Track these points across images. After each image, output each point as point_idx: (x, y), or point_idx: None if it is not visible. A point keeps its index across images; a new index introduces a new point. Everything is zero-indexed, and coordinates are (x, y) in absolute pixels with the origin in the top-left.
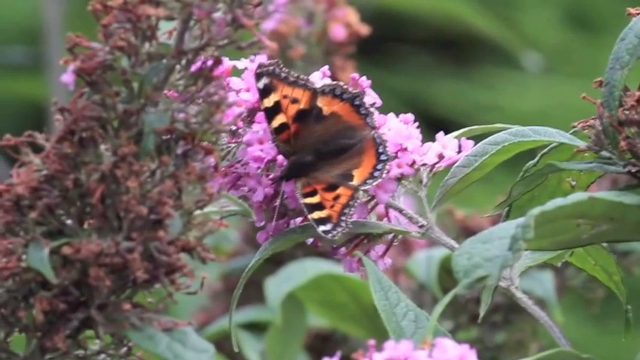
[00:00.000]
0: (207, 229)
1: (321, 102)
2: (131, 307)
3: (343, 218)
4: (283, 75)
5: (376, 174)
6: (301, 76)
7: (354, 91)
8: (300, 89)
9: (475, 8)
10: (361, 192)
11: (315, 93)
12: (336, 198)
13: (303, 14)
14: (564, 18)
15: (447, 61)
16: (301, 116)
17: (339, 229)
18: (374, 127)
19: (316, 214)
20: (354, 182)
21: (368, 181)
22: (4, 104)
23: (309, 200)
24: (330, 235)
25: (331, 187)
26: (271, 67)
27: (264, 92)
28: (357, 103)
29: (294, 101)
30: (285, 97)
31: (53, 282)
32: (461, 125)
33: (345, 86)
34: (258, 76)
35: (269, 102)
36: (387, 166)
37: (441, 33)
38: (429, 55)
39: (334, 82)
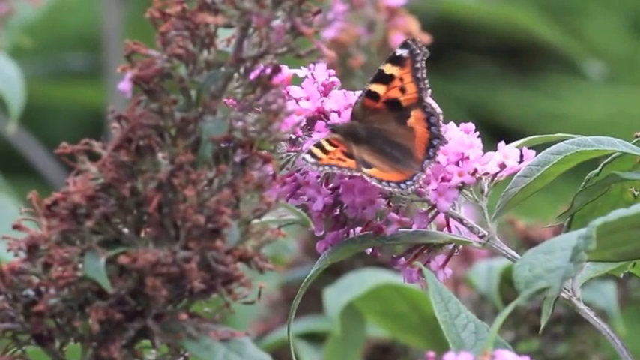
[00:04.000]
0: (265, 238)
1: (414, 112)
2: (188, 317)
3: (327, 168)
4: (418, 65)
5: (387, 185)
6: (426, 81)
7: (443, 134)
8: (414, 88)
9: (539, 16)
10: (354, 173)
11: (419, 103)
12: (340, 160)
13: (364, 23)
14: (630, 26)
15: (510, 69)
16: (393, 105)
17: (316, 168)
18: (423, 171)
19: (315, 150)
20: (366, 170)
21: (372, 179)
22: (64, 111)
23: (324, 142)
24: (304, 163)
25: (347, 155)
26: (418, 50)
27: (395, 59)
28: (434, 143)
29: (402, 90)
30: (401, 79)
31: (109, 291)
32: (525, 134)
33: (441, 124)
34: (405, 45)
35: (388, 70)
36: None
37: (505, 41)
38: (492, 64)
39: (438, 110)
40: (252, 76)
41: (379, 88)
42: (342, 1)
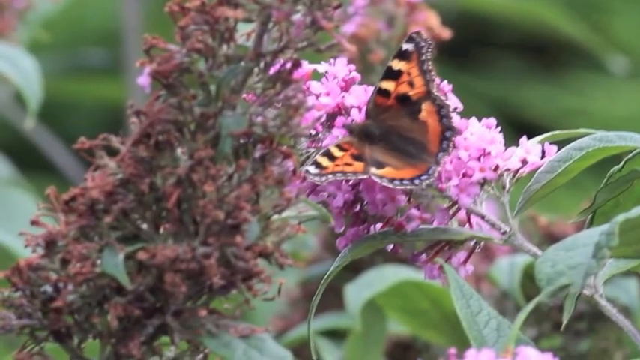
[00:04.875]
0: (285, 234)
1: (425, 105)
2: (207, 313)
3: (330, 177)
4: (424, 57)
5: (399, 183)
6: (433, 73)
7: (454, 125)
8: (422, 81)
9: (563, 12)
10: (361, 177)
11: (428, 95)
12: (347, 165)
13: (384, 17)
14: None
15: (535, 65)
16: (403, 100)
17: (317, 178)
18: (438, 164)
19: (320, 160)
20: (376, 172)
21: (383, 179)
22: (83, 107)
23: (333, 149)
24: (306, 173)
25: (356, 158)
26: (423, 43)
27: (402, 55)
28: (447, 135)
29: (410, 84)
30: (408, 74)
31: (128, 287)
32: (550, 131)
33: (452, 115)
34: (410, 39)
35: (396, 65)
36: (411, 188)
37: (529, 37)
38: (516, 60)
39: (447, 103)
40: (272, 70)
41: (389, 85)
42: None
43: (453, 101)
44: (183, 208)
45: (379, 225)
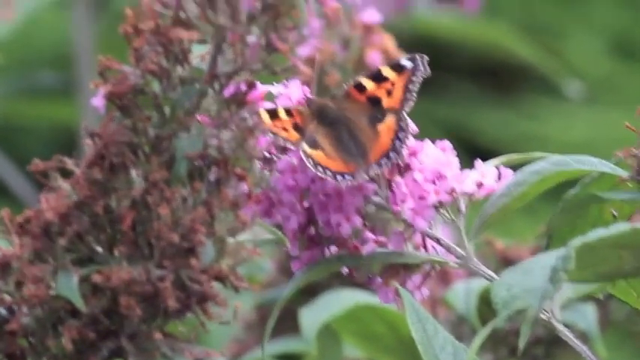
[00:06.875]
0: (241, 257)
1: (389, 119)
2: (162, 337)
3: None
4: (414, 79)
5: (322, 171)
6: (414, 96)
7: (401, 150)
8: (401, 97)
9: (518, 36)
10: (290, 145)
11: (397, 111)
12: (284, 129)
13: (339, 40)
14: (610, 47)
15: (489, 89)
16: (374, 103)
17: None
18: (367, 173)
19: (262, 113)
20: (306, 148)
21: (309, 159)
22: (36, 129)
23: (280, 109)
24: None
25: (296, 128)
26: (421, 67)
27: (397, 66)
28: (391, 155)
29: (389, 93)
30: (392, 84)
31: (83, 310)
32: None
33: (406, 142)
34: (412, 58)
35: (386, 72)
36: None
37: (484, 61)
38: (471, 84)
39: (409, 130)
40: (226, 92)
41: (369, 84)
42: (317, 17)
43: (411, 127)
44: (138, 231)
45: (334, 248)
